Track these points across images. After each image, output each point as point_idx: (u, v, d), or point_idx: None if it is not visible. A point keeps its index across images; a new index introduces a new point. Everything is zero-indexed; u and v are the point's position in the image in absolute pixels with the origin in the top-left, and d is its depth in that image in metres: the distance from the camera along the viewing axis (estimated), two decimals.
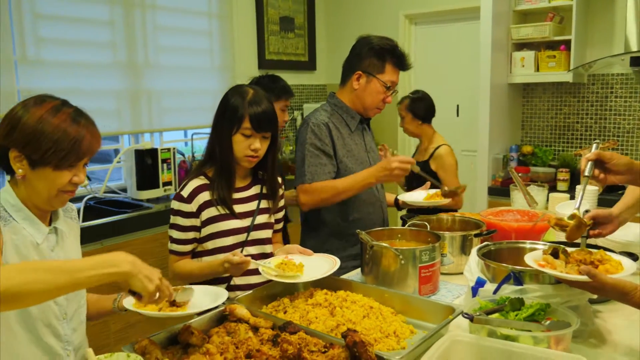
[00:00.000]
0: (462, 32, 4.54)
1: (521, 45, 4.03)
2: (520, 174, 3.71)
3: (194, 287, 1.52)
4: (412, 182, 2.83)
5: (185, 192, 1.86)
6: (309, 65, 5.18)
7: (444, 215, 2.32)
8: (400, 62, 2.32)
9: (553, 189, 3.65)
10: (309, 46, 5.18)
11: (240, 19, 4.55)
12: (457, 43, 4.59)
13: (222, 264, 1.75)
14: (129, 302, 1.44)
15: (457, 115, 4.67)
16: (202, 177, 1.89)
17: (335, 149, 2.27)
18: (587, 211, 1.63)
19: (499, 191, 3.88)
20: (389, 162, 2.15)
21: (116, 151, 3.93)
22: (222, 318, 1.58)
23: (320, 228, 2.36)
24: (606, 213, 1.67)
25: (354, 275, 2.07)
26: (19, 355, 1.38)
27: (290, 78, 4.86)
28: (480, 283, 1.61)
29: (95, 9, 3.53)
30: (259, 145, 1.83)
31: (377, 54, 2.28)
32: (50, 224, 1.48)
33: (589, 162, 1.50)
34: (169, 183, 3.62)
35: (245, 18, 4.60)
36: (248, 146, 1.82)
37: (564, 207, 2.31)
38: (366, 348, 1.26)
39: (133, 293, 1.28)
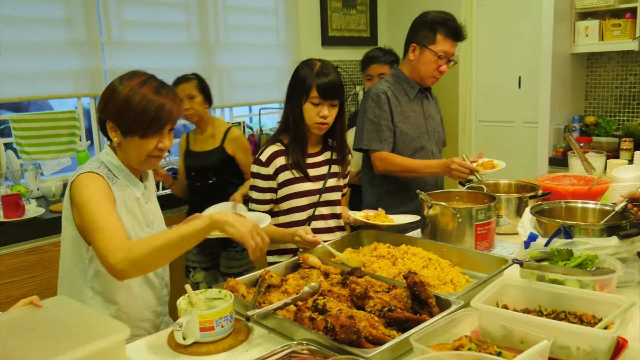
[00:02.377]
0: (524, 3, 4.52)
1: (585, 15, 3.99)
2: (582, 144, 3.73)
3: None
4: None
5: (263, 157, 2.06)
6: (371, 40, 5.29)
7: (501, 180, 2.43)
8: (452, 32, 2.48)
9: (615, 158, 3.65)
10: (370, 22, 5.28)
11: None
12: (519, 14, 4.57)
13: (293, 237, 1.94)
14: None
15: (519, 87, 4.67)
16: (279, 143, 2.09)
17: (392, 115, 2.48)
18: None
19: (560, 161, 3.89)
20: (451, 161, 2.33)
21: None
22: (296, 266, 1.79)
23: (376, 186, 2.56)
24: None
25: (412, 234, 2.23)
26: (132, 290, 1.65)
27: (352, 54, 5.03)
28: (532, 237, 1.73)
29: None
30: (327, 113, 2.01)
31: (429, 27, 2.48)
32: (142, 181, 1.73)
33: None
34: None
35: None
36: (317, 114, 2.00)
37: (620, 171, 2.36)
38: (425, 287, 1.43)
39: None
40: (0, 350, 1.10)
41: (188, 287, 1.48)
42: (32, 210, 2.78)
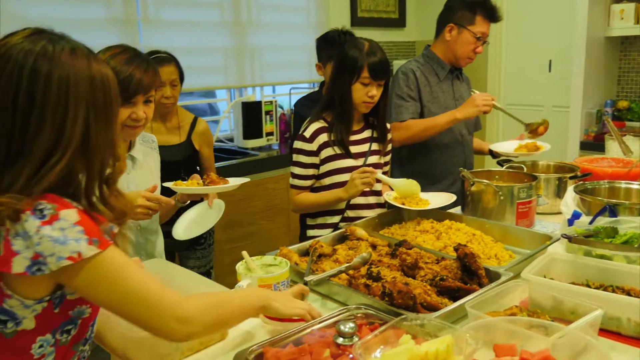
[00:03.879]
0: None
1: None
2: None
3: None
4: None
5: (307, 133, 2.11)
6: (399, 22, 5.28)
7: (540, 161, 2.46)
8: (491, 14, 2.48)
9: None
10: (399, 3, 5.26)
11: None
12: None
13: (351, 186, 1.99)
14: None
15: (550, 71, 4.64)
16: (322, 120, 2.13)
17: (420, 94, 2.50)
18: None
19: (592, 146, 3.89)
20: (473, 99, 2.35)
21: (211, 106, 4.28)
22: (344, 238, 1.84)
23: (405, 166, 2.59)
24: None
25: (453, 211, 2.27)
26: None
27: (380, 35, 5.03)
28: (576, 215, 1.76)
29: None
30: (375, 92, 2.04)
31: (468, 7, 2.47)
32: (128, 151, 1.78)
33: None
34: (271, 133, 3.93)
35: None
36: (366, 93, 2.04)
37: None
38: (475, 259, 1.47)
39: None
40: None
41: (245, 253, 1.54)
42: None
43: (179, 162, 2.60)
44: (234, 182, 1.90)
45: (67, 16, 3.17)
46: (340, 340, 1.13)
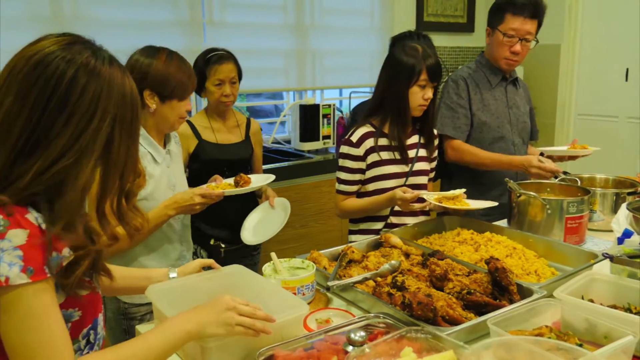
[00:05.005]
0: None
1: None
2: None
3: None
4: None
5: (354, 138, 2.10)
6: (467, 27, 5.15)
7: (598, 174, 2.33)
8: (520, 8, 2.38)
9: None
10: (468, 7, 5.14)
11: None
12: (630, 1, 4.28)
13: (389, 199, 1.98)
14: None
15: (626, 80, 4.39)
16: (368, 125, 2.12)
17: (470, 102, 2.44)
18: None
19: None
20: (530, 161, 2.25)
21: (276, 107, 4.34)
22: (378, 244, 1.81)
23: (454, 176, 2.54)
24: None
25: (498, 224, 2.19)
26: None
27: (447, 40, 4.94)
28: (627, 234, 1.66)
29: None
30: (431, 95, 2.02)
31: (498, 7, 2.44)
32: (164, 147, 1.90)
33: None
34: (327, 137, 3.94)
35: None
36: (422, 96, 2.01)
37: None
38: (507, 274, 1.41)
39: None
40: None
41: (274, 254, 1.55)
42: None
43: (243, 160, 2.56)
44: (258, 181, 2.04)
45: (135, 18, 3.31)
46: (349, 348, 1.11)
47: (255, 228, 2.25)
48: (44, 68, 0.98)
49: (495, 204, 1.95)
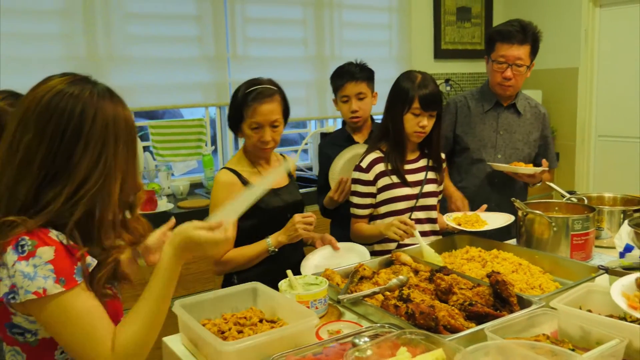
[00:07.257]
0: None
1: None
2: None
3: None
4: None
5: (364, 164, 2.22)
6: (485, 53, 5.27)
7: (606, 193, 2.39)
8: (505, 36, 2.51)
9: None
10: (484, 34, 5.26)
11: (418, 11, 4.81)
12: None
13: (388, 226, 2.05)
14: None
15: None
16: (377, 151, 2.24)
17: (455, 124, 2.65)
18: None
19: None
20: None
21: (301, 136, 4.48)
22: (389, 263, 1.92)
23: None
24: None
25: (508, 242, 2.26)
26: None
27: (465, 67, 5.06)
28: (628, 249, 1.73)
29: (291, 10, 4.09)
30: (426, 123, 2.12)
31: (489, 37, 2.61)
32: None
33: None
34: None
35: (422, 10, 4.86)
36: (417, 123, 2.12)
37: None
38: (507, 286, 1.50)
39: None
40: None
41: (289, 272, 1.67)
42: (163, 205, 3.14)
43: (300, 201, 2.26)
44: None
45: (166, 55, 3.52)
46: (355, 353, 1.21)
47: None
48: (56, 105, 1.13)
49: (512, 218, 2.06)
